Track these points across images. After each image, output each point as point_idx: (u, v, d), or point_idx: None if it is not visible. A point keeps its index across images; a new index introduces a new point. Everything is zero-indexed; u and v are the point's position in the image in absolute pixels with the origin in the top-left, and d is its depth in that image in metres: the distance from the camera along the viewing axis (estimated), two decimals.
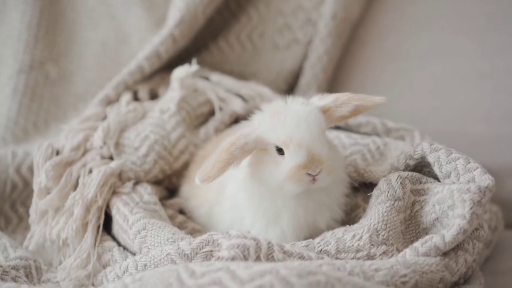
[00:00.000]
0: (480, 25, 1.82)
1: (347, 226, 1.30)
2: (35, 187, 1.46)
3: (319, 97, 1.30)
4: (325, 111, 1.28)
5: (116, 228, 1.40)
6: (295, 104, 1.29)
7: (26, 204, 1.64)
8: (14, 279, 1.30)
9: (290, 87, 1.85)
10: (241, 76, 1.81)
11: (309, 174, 1.24)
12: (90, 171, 1.47)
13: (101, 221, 1.42)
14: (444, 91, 1.80)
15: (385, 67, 1.85)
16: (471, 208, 1.18)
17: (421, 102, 1.81)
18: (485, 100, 1.78)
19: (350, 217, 1.43)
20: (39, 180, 1.45)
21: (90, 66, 1.96)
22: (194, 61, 1.62)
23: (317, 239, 1.28)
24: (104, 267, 1.37)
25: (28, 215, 1.52)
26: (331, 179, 1.27)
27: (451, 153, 1.28)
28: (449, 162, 1.27)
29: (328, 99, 1.29)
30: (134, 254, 1.35)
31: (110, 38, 1.97)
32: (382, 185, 1.29)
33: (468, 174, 1.25)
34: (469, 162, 1.26)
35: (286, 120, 1.25)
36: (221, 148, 1.28)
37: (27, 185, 1.66)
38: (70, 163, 1.48)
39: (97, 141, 1.52)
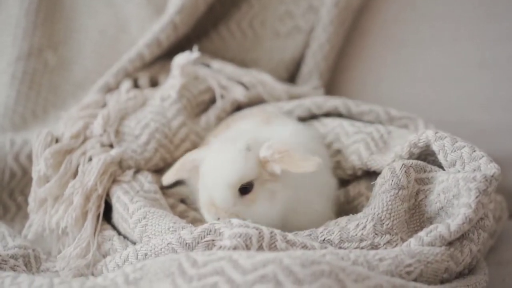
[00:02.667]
0: (482, 14, 1.80)
1: (351, 215, 1.29)
2: (34, 175, 1.44)
3: (267, 146, 1.27)
4: (264, 162, 1.27)
5: (116, 217, 1.38)
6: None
7: (25, 193, 1.62)
8: (13, 268, 1.29)
9: (291, 75, 1.84)
10: (242, 63, 1.79)
11: None
12: (90, 159, 1.45)
13: (101, 210, 1.41)
14: (445, 80, 1.79)
15: (387, 56, 1.84)
16: (476, 197, 1.17)
17: (422, 90, 1.80)
18: (486, 89, 1.76)
19: (352, 205, 1.42)
20: (38, 168, 1.43)
21: (89, 54, 1.95)
22: (195, 48, 1.60)
23: (320, 228, 1.26)
24: (104, 256, 1.35)
25: (26, 203, 1.51)
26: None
27: (456, 142, 1.26)
28: (454, 151, 1.25)
29: (268, 152, 1.27)
30: (134, 243, 1.33)
31: (109, 25, 1.95)
32: (386, 173, 1.28)
33: (474, 163, 1.23)
34: (474, 151, 1.25)
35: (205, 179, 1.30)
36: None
37: (26, 173, 1.64)
38: (69, 151, 1.47)
39: (97, 128, 1.50)
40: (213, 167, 1.29)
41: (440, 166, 1.30)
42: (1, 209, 1.63)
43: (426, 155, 1.33)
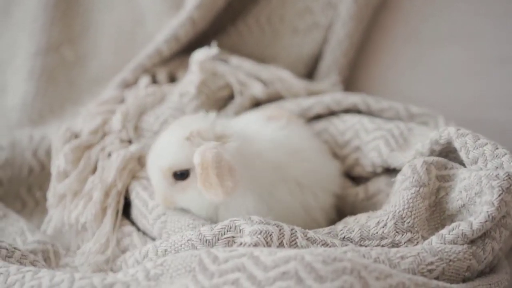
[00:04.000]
0: (502, 8, 1.78)
1: (370, 212, 1.28)
2: (53, 170, 1.44)
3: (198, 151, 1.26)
4: None
5: (135, 213, 1.38)
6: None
7: (43, 188, 1.62)
8: (32, 263, 1.28)
9: (309, 72, 1.83)
10: (260, 59, 1.78)
11: None
12: (109, 155, 1.45)
13: (121, 206, 1.41)
14: (465, 76, 1.77)
15: (406, 52, 1.82)
16: (499, 195, 1.16)
17: (442, 87, 1.78)
18: (507, 85, 1.75)
19: (371, 201, 1.41)
20: (58, 163, 1.44)
21: (105, 49, 1.94)
22: (214, 44, 1.60)
23: (340, 226, 1.26)
24: (123, 252, 1.35)
25: (44, 199, 1.51)
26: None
27: (479, 139, 1.25)
28: (477, 148, 1.24)
29: (196, 159, 1.26)
30: (153, 239, 1.33)
31: (126, 20, 1.95)
32: (406, 170, 1.27)
33: (496, 160, 1.22)
34: (497, 148, 1.23)
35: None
36: None
37: (44, 168, 1.64)
38: (88, 147, 1.47)
39: (116, 124, 1.50)
40: (153, 149, 1.33)
41: (462, 164, 1.29)
42: (19, 204, 1.63)
43: (447, 152, 1.32)
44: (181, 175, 1.30)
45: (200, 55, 1.58)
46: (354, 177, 1.51)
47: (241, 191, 1.29)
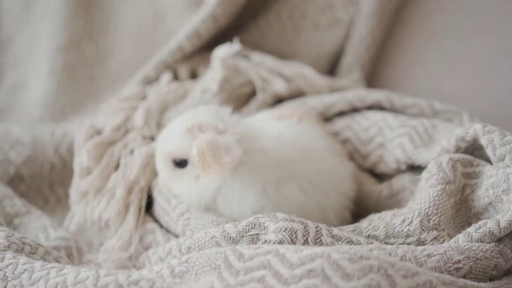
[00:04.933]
0: None
1: (395, 209, 1.27)
2: (76, 167, 1.44)
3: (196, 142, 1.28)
4: None
5: (158, 210, 1.38)
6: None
7: (65, 185, 1.62)
8: (56, 260, 1.28)
9: (331, 68, 1.82)
10: (281, 55, 1.77)
11: None
12: (132, 152, 1.45)
13: (143, 203, 1.40)
14: (489, 72, 1.75)
15: (429, 47, 1.80)
16: None
17: (466, 83, 1.76)
18: None
19: (396, 199, 1.40)
20: (80, 160, 1.44)
21: (126, 45, 1.94)
22: (236, 40, 1.59)
23: (364, 223, 1.25)
24: (146, 249, 1.35)
25: (66, 195, 1.51)
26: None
27: (506, 136, 1.23)
28: (504, 145, 1.22)
29: (194, 149, 1.28)
30: (177, 236, 1.33)
31: (147, 17, 1.95)
32: (432, 167, 1.25)
33: None
34: None
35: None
36: None
37: (65, 165, 1.64)
38: (111, 143, 1.47)
39: (138, 121, 1.50)
40: (161, 133, 1.38)
41: (488, 161, 1.27)
42: (41, 201, 1.63)
43: (473, 150, 1.30)
44: (180, 163, 1.33)
45: (222, 51, 1.58)
46: (377, 174, 1.50)
47: (240, 184, 1.31)
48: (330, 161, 1.37)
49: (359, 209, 1.46)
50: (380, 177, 1.50)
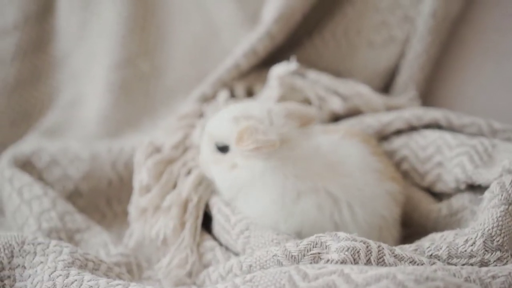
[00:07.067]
0: None
1: (458, 229, 1.26)
2: (136, 184, 1.46)
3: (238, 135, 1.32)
4: None
5: (217, 228, 1.39)
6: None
7: (122, 200, 1.64)
8: (118, 276, 1.29)
9: (386, 86, 1.81)
10: (335, 73, 1.77)
11: None
12: (189, 172, 1.46)
13: (199, 221, 1.41)
14: None
15: (485, 66, 1.79)
16: None
17: None
18: None
19: (455, 218, 1.39)
20: (140, 177, 1.45)
21: (181, 61, 1.96)
22: (293, 58, 1.60)
23: (426, 243, 1.24)
24: (206, 266, 1.35)
25: (123, 211, 1.52)
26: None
27: None
28: None
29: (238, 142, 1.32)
30: (236, 254, 1.33)
31: (201, 33, 1.96)
32: (495, 188, 1.24)
33: None
34: None
35: None
36: None
37: (122, 181, 1.66)
38: (170, 161, 1.48)
39: (197, 139, 1.51)
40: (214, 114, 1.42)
41: None
42: (98, 216, 1.65)
43: None
44: (221, 148, 1.35)
45: (279, 70, 1.59)
46: (434, 193, 1.50)
47: (262, 184, 1.33)
48: (360, 177, 1.35)
49: (416, 228, 1.46)
50: (437, 196, 1.49)
